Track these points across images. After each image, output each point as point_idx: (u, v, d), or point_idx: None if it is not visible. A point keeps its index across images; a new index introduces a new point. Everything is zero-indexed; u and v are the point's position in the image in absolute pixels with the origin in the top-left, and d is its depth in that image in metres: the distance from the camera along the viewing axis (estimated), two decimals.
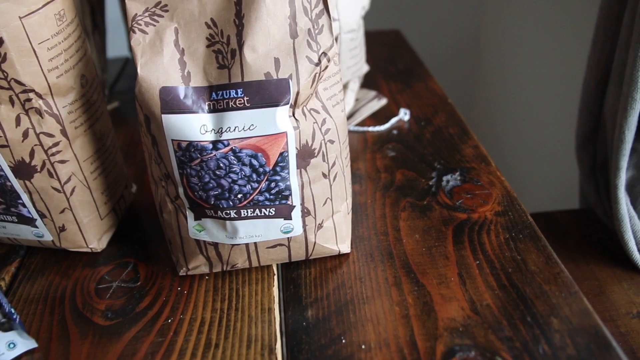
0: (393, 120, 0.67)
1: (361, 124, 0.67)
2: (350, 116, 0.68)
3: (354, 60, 0.62)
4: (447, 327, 0.41)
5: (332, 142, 0.42)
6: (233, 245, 0.43)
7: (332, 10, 0.58)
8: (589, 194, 0.89)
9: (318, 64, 0.38)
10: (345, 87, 0.66)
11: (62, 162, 0.43)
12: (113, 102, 0.76)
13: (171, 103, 0.37)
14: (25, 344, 0.40)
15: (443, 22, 1.35)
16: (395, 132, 0.66)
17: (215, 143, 0.38)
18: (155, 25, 0.38)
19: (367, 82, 0.79)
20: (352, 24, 0.59)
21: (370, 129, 0.66)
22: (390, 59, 0.88)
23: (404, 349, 0.39)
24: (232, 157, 0.38)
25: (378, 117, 0.69)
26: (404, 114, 0.68)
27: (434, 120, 0.68)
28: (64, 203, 0.45)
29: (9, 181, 0.42)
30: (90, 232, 0.48)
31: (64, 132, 0.42)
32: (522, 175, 1.31)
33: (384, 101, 0.71)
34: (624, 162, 0.67)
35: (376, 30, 1.00)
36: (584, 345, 0.39)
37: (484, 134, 1.47)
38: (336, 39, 0.59)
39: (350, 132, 0.66)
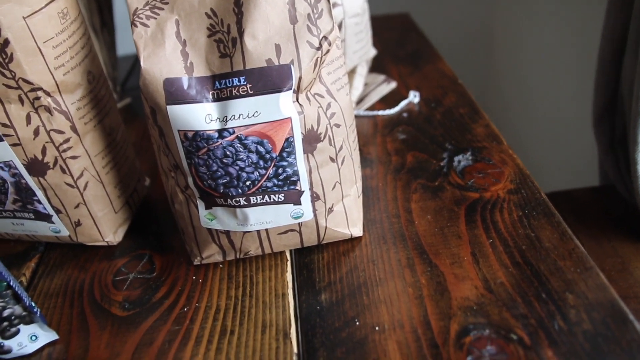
0: (403, 103, 0.67)
1: (371, 108, 0.67)
2: (359, 101, 0.68)
3: (360, 45, 0.62)
4: (461, 306, 0.41)
5: (338, 125, 0.42)
6: (244, 232, 0.44)
7: None
8: (609, 170, 0.87)
9: (319, 48, 0.38)
10: (353, 71, 0.66)
11: (74, 157, 0.44)
12: (125, 99, 0.77)
13: (175, 94, 0.38)
14: (47, 336, 0.41)
15: (455, 2, 1.33)
16: (405, 114, 0.66)
17: (220, 131, 0.38)
18: (156, 18, 0.38)
19: (376, 66, 0.78)
20: (356, 9, 0.59)
21: (380, 112, 0.65)
22: (399, 42, 0.87)
23: (418, 329, 0.39)
24: (238, 145, 0.39)
25: (388, 100, 0.69)
26: (413, 97, 0.67)
27: (444, 101, 0.67)
28: (78, 198, 0.45)
29: (24, 179, 0.43)
30: (106, 226, 0.48)
31: (73, 129, 0.43)
32: (541, 153, 1.29)
33: (393, 84, 0.71)
34: None
35: (385, 14, 0.99)
36: (600, 320, 0.38)
37: (499, 113, 1.45)
38: (340, 24, 0.59)
39: (360, 116, 0.66)
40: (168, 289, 0.45)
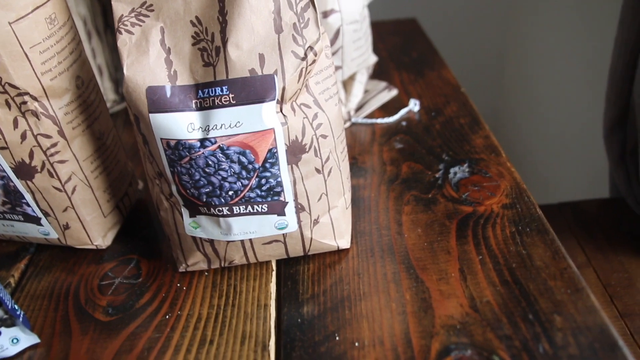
0: (402, 112, 0.66)
1: (370, 115, 0.66)
2: (359, 108, 0.67)
3: (358, 52, 0.61)
4: (444, 324, 0.40)
5: (324, 136, 0.41)
6: (228, 241, 0.43)
7: (333, 2, 0.57)
8: (619, 182, 0.85)
9: (304, 58, 0.38)
10: (352, 78, 0.65)
11: (62, 162, 0.44)
12: None
13: (158, 102, 0.37)
14: (28, 339, 0.41)
15: (465, 9, 1.31)
16: (404, 123, 0.65)
17: (202, 141, 0.38)
18: (141, 26, 0.38)
19: (380, 73, 0.77)
20: (354, 15, 0.58)
21: (379, 120, 0.65)
22: (404, 48, 0.86)
23: (398, 347, 0.39)
24: (220, 155, 0.38)
25: (388, 108, 0.68)
26: (413, 105, 0.66)
27: (445, 111, 0.66)
28: (66, 202, 0.46)
29: (12, 181, 0.43)
30: (94, 230, 0.48)
31: (61, 133, 0.43)
32: (550, 164, 1.26)
33: (394, 92, 0.70)
34: None
35: (392, 20, 0.98)
36: (587, 345, 0.37)
37: (508, 123, 1.43)
38: (338, 31, 0.58)
39: (358, 124, 0.65)
40: (152, 296, 0.45)
